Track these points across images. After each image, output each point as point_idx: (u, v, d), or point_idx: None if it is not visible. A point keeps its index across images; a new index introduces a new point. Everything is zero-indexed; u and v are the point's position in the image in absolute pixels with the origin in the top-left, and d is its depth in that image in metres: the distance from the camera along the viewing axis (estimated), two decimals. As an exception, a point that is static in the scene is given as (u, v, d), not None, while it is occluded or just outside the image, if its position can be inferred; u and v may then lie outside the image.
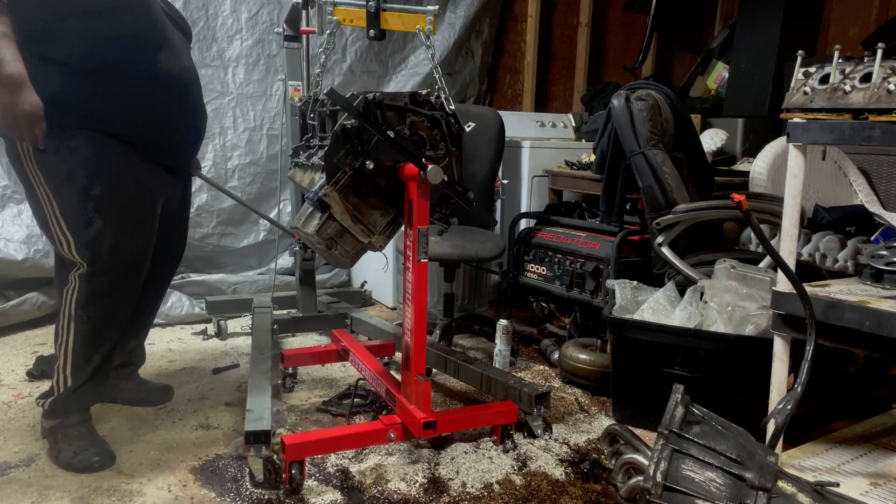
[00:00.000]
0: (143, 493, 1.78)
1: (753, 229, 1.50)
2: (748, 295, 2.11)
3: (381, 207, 1.85)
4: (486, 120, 3.05)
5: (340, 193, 1.78)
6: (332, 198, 1.77)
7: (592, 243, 2.79)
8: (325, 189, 1.76)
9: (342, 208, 1.79)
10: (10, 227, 3.02)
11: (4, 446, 2.01)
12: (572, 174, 3.49)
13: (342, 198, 1.78)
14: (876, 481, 1.70)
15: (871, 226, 2.81)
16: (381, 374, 2.20)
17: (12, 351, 2.86)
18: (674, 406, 1.53)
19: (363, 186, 1.81)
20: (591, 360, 2.54)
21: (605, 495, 1.83)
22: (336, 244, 1.83)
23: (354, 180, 1.79)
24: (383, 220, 1.86)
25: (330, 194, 1.76)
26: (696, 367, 2.10)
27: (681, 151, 2.70)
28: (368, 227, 1.84)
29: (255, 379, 2.16)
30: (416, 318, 1.88)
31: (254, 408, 1.93)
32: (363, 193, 1.82)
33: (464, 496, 1.81)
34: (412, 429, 1.90)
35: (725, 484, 1.44)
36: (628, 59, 4.97)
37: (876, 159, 3.34)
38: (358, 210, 1.82)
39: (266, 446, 1.80)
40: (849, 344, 1.66)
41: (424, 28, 2.15)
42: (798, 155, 1.67)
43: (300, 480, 1.79)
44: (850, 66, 1.64)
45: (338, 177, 1.77)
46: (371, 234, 1.85)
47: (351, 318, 2.95)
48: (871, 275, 1.84)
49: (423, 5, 2.24)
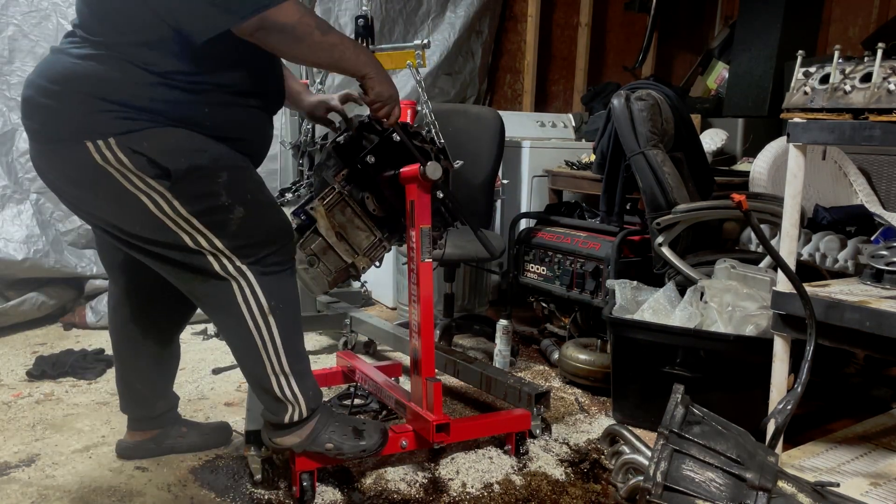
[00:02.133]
0: (143, 493, 1.78)
1: (753, 229, 1.50)
2: (748, 295, 2.11)
3: (366, 230, 1.85)
4: (486, 120, 3.04)
5: (327, 210, 1.78)
6: (319, 212, 1.77)
7: (592, 243, 2.79)
8: (313, 203, 1.76)
9: (328, 224, 1.79)
10: (10, 227, 3.02)
11: (4, 446, 2.01)
12: (572, 174, 3.49)
13: (328, 214, 1.78)
14: (876, 481, 1.70)
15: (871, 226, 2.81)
16: (388, 386, 2.17)
17: (12, 351, 2.86)
18: (674, 406, 1.52)
19: (350, 208, 1.82)
20: (591, 360, 2.54)
21: (605, 495, 1.83)
22: (319, 261, 1.81)
23: (341, 200, 1.80)
24: (368, 241, 1.86)
25: (317, 208, 1.77)
26: (696, 367, 2.10)
27: (681, 151, 2.70)
28: (353, 247, 1.84)
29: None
30: (423, 319, 1.85)
31: (253, 407, 1.92)
32: (349, 215, 1.82)
33: (464, 496, 1.81)
34: (424, 434, 1.85)
35: (725, 484, 1.43)
36: (628, 59, 4.97)
37: (876, 159, 3.34)
38: (343, 230, 1.82)
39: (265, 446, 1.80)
40: (849, 344, 1.66)
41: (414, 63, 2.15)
42: (798, 155, 1.67)
43: (312, 493, 1.76)
44: (850, 66, 1.64)
45: (325, 192, 1.79)
46: (355, 255, 1.85)
47: (350, 318, 2.95)
48: (871, 275, 1.84)
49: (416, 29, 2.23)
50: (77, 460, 1.94)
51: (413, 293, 1.87)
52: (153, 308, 1.87)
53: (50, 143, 1.53)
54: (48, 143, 1.54)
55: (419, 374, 1.89)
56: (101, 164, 1.48)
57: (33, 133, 1.56)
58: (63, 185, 1.60)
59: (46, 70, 1.54)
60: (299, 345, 1.72)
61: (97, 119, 1.47)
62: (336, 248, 1.81)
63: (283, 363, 1.66)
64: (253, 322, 1.62)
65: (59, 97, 1.49)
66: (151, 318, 1.88)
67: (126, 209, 1.54)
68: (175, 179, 1.50)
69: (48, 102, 1.50)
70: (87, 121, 1.47)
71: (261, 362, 1.65)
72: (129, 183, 1.51)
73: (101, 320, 3.17)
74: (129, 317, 1.86)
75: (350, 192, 1.81)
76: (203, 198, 1.54)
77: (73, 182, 1.57)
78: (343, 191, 1.80)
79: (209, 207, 1.55)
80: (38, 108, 1.52)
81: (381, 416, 2.27)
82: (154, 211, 1.52)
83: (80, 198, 1.61)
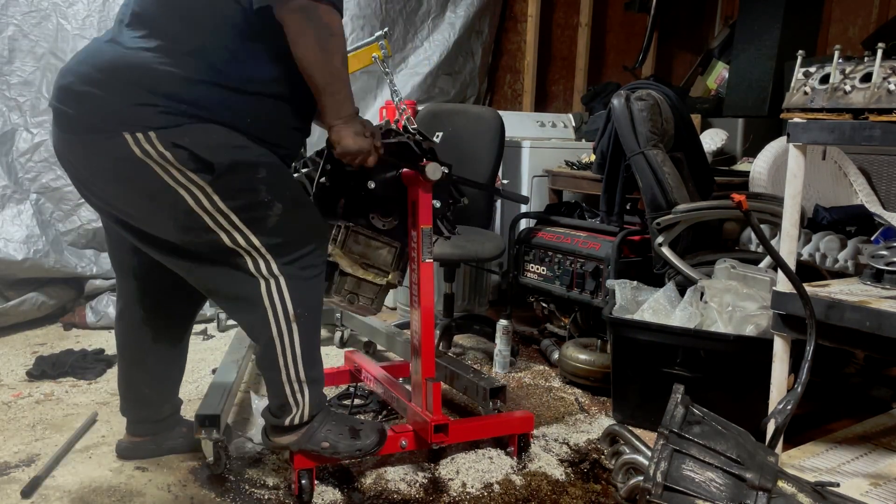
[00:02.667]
0: (143, 493, 1.78)
1: (753, 229, 1.50)
2: (748, 295, 2.11)
3: (384, 245, 1.86)
4: (486, 120, 3.05)
5: (343, 249, 1.81)
6: (337, 254, 1.80)
7: (592, 243, 2.79)
8: (329, 248, 1.78)
9: (349, 261, 1.82)
10: (10, 227, 3.01)
11: (4, 446, 2.01)
12: (572, 174, 3.49)
13: (346, 252, 1.81)
14: (876, 481, 1.70)
15: (871, 226, 2.81)
16: (389, 384, 2.17)
17: (12, 351, 2.86)
18: (674, 406, 1.52)
19: (361, 235, 1.83)
20: (591, 360, 2.54)
21: (605, 495, 1.83)
22: (357, 297, 1.84)
23: (350, 232, 1.82)
24: (390, 255, 1.87)
25: (334, 253, 1.79)
26: (696, 367, 2.10)
27: (681, 151, 2.70)
28: (381, 268, 1.86)
29: (224, 366, 2.21)
30: (423, 320, 1.85)
31: (211, 393, 1.98)
32: (364, 241, 1.84)
33: (464, 496, 1.81)
34: (423, 434, 1.85)
35: (725, 484, 1.43)
36: (628, 59, 4.96)
37: (876, 159, 3.34)
38: (365, 257, 1.84)
39: (216, 429, 1.81)
40: (849, 344, 1.66)
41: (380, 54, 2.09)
42: (798, 155, 1.67)
43: (311, 491, 1.76)
44: (850, 66, 1.64)
45: (333, 234, 1.80)
46: (385, 274, 1.87)
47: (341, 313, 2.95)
48: (871, 275, 1.84)
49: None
50: (77, 460, 1.94)
51: (413, 293, 1.87)
52: (163, 310, 1.86)
53: (87, 134, 1.51)
54: (85, 132, 1.51)
55: (419, 374, 1.89)
56: (141, 157, 1.47)
57: (67, 121, 1.53)
58: (90, 176, 1.58)
59: (91, 58, 1.52)
60: (316, 352, 1.72)
61: (139, 111, 1.46)
62: (366, 278, 1.84)
63: (299, 370, 1.66)
64: (276, 328, 1.62)
65: (104, 85, 1.48)
66: (161, 319, 1.87)
67: (162, 204, 1.52)
68: (218, 174, 1.49)
69: (90, 90, 1.48)
70: (128, 112, 1.46)
71: (277, 367, 1.65)
72: (168, 176, 1.49)
73: (101, 320, 3.17)
74: (140, 319, 1.85)
75: (356, 221, 1.82)
76: (243, 193, 1.54)
77: (104, 174, 1.55)
78: (349, 224, 1.81)
79: (249, 203, 1.54)
80: (78, 96, 1.50)
81: (381, 416, 2.27)
82: (192, 205, 1.51)
83: (109, 191, 1.58)
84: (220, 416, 1.83)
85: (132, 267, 1.81)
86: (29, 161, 3.13)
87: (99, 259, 3.28)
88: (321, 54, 1.50)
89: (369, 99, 3.94)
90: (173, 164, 1.48)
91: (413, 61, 4.09)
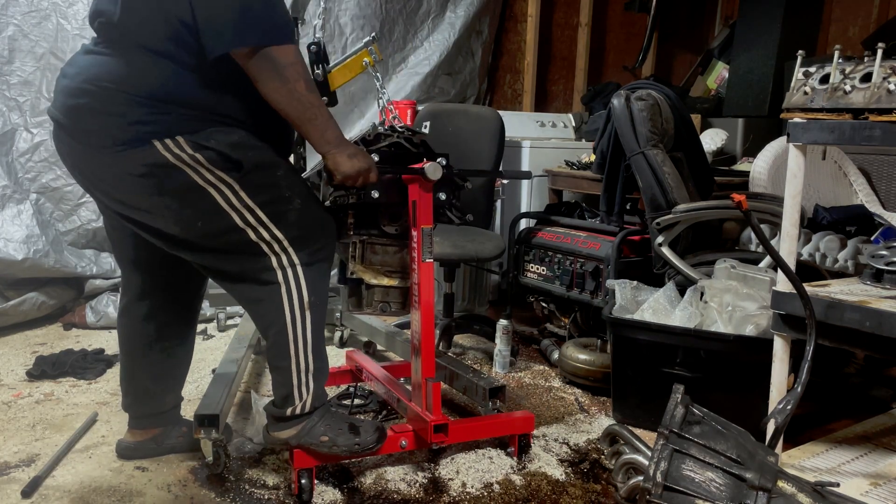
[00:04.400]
0: (143, 493, 1.78)
1: (753, 229, 1.50)
2: (748, 295, 2.11)
3: (401, 247, 1.89)
4: (486, 120, 3.05)
5: (363, 263, 1.85)
6: (360, 270, 1.85)
7: (592, 243, 2.79)
8: (350, 266, 1.84)
9: (373, 273, 1.86)
10: (10, 227, 3.02)
11: (4, 446, 2.01)
12: (572, 174, 3.49)
13: (367, 265, 1.86)
14: (876, 481, 1.70)
15: (871, 226, 2.81)
16: (390, 384, 2.17)
17: (12, 351, 2.86)
18: (674, 406, 1.52)
19: (377, 245, 1.87)
20: (591, 360, 2.54)
21: (605, 495, 1.83)
22: (388, 305, 1.89)
23: (365, 245, 1.85)
24: (408, 256, 1.89)
25: (356, 269, 1.84)
26: (696, 367, 2.10)
27: (681, 151, 2.70)
28: (403, 271, 1.89)
29: (222, 366, 2.21)
30: (423, 320, 1.86)
31: (211, 393, 1.98)
32: (380, 250, 1.88)
33: (464, 496, 1.81)
34: (423, 434, 1.85)
35: (725, 484, 1.43)
36: (628, 59, 4.96)
37: (876, 159, 3.34)
38: (385, 265, 1.88)
39: (216, 429, 1.82)
40: (849, 344, 1.66)
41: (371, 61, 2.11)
42: (798, 155, 1.67)
43: (310, 490, 1.76)
44: (850, 65, 1.64)
45: (351, 252, 1.84)
46: (408, 276, 1.89)
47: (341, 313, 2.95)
48: (871, 275, 1.84)
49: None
50: (77, 460, 1.94)
51: (414, 293, 1.87)
52: (170, 303, 1.90)
53: (112, 147, 1.56)
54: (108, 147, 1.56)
55: (419, 374, 1.90)
56: (174, 162, 1.56)
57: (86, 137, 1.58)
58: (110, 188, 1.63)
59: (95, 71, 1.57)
60: (323, 343, 1.78)
61: (163, 120, 1.55)
62: (392, 284, 1.88)
63: (308, 359, 1.72)
64: (291, 314, 1.68)
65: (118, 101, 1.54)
66: (168, 313, 1.91)
67: (192, 204, 1.61)
68: (245, 171, 1.60)
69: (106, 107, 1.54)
70: (152, 122, 1.54)
71: (287, 356, 1.70)
72: (199, 177, 1.58)
73: (101, 320, 3.17)
74: (146, 312, 1.88)
75: (368, 233, 1.85)
76: (267, 188, 1.64)
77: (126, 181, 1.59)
78: (363, 238, 1.84)
79: (272, 198, 1.65)
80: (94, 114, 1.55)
81: (380, 415, 2.27)
82: (221, 202, 1.60)
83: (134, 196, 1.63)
84: (220, 416, 1.83)
85: (139, 260, 1.85)
86: (29, 161, 3.13)
87: (99, 259, 3.28)
88: (283, 89, 1.55)
89: (370, 98, 3.93)
90: (204, 164, 1.58)
91: (413, 61, 4.09)
